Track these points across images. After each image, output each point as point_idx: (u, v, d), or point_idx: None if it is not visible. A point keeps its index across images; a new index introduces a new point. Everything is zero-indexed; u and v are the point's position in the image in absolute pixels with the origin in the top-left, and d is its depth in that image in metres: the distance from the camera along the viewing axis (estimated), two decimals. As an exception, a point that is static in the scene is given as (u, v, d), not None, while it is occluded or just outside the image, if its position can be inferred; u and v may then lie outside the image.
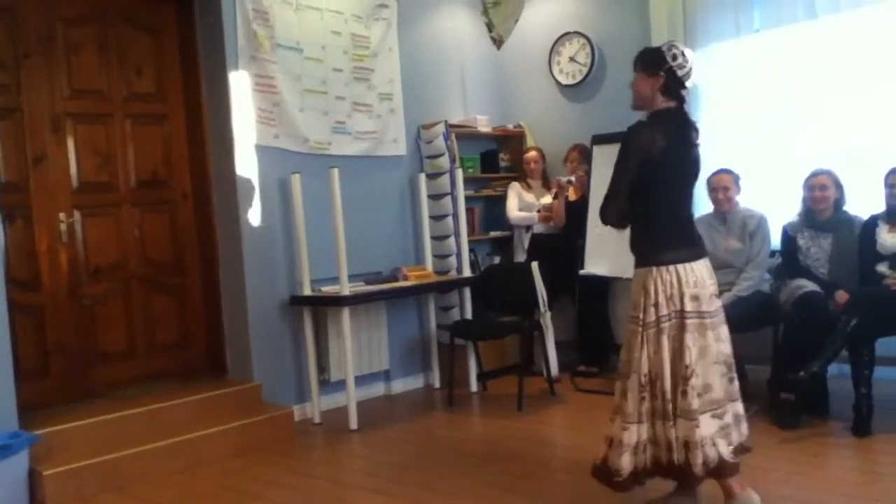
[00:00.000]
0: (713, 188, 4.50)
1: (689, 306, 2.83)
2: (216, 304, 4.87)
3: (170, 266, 4.86)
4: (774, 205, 4.62)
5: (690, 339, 2.81)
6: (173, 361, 4.85)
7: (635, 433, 2.85)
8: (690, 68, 2.88)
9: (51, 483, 3.57)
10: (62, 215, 4.42)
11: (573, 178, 5.40)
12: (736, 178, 4.49)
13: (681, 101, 2.96)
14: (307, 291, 4.72)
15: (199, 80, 4.81)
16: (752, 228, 4.41)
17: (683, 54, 2.89)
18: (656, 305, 2.84)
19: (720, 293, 4.35)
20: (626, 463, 2.84)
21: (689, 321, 2.83)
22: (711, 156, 4.96)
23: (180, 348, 4.90)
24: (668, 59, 2.88)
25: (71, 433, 3.90)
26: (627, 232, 3.61)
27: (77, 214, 4.50)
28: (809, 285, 4.12)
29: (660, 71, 2.89)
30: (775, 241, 4.48)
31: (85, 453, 3.77)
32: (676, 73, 2.88)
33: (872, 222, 4.12)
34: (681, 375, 2.80)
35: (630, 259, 3.01)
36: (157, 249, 4.82)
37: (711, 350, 2.85)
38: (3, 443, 3.52)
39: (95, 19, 4.59)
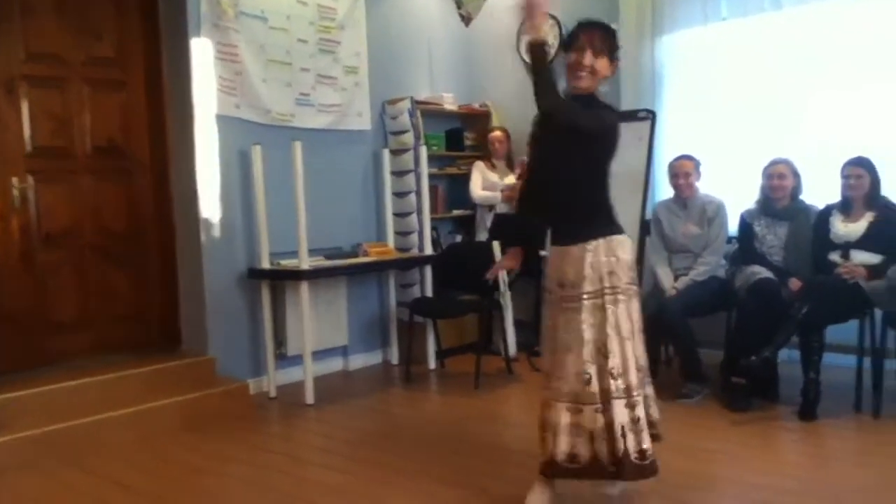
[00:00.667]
0: (674, 174, 4.54)
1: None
2: (172, 276, 4.80)
3: (125, 236, 4.77)
4: (734, 192, 4.68)
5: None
6: (127, 333, 4.78)
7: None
8: None
9: (0, 452, 3.51)
10: (15, 180, 4.31)
11: None
12: (697, 164, 4.53)
13: None
14: (266, 265, 4.68)
15: (160, 46, 4.70)
16: (711, 214, 4.46)
17: None
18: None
19: (676, 277, 4.46)
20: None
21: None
22: (674, 142, 5.03)
23: (134, 320, 4.82)
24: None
25: (21, 402, 3.84)
26: None
27: (30, 180, 4.39)
28: (764, 272, 4.19)
29: (617, 56, 2.74)
30: (733, 227, 4.53)
31: (36, 422, 3.71)
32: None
33: (827, 212, 4.19)
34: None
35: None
36: (113, 218, 4.72)
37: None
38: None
39: (53, -20, 4.46)
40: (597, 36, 2.65)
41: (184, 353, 4.68)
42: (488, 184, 5.66)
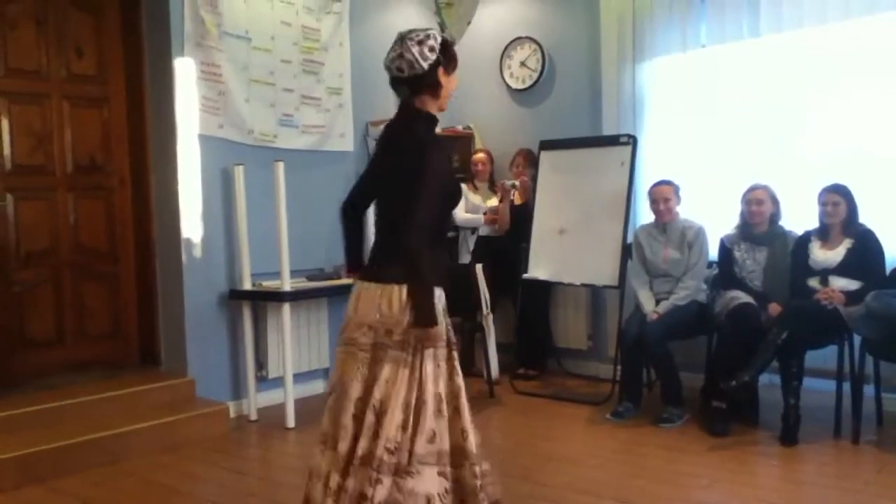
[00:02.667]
0: (654, 199, 4.58)
1: None
2: (151, 295, 4.75)
3: (104, 253, 4.74)
4: (714, 217, 4.72)
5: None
6: (104, 351, 4.73)
7: None
8: None
9: (-31, 474, 3.44)
10: (-7, 197, 4.27)
11: (517, 183, 5.42)
12: (676, 189, 4.57)
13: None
14: (247, 286, 4.64)
15: (143, 64, 4.68)
16: (691, 239, 4.50)
17: None
18: None
19: (658, 301, 4.48)
20: None
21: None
22: (654, 167, 5.07)
23: (111, 338, 4.77)
24: None
25: (-4, 423, 3.77)
26: (573, 237, 3.51)
27: (9, 198, 4.34)
28: (743, 297, 4.22)
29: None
30: (713, 252, 4.57)
31: (8, 445, 3.64)
32: None
33: (806, 238, 4.23)
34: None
35: (571, 265, 2.97)
36: (92, 236, 4.69)
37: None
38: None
39: (33, -6, 4.44)
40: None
41: (162, 374, 4.62)
42: (471, 206, 5.67)
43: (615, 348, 4.78)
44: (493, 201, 5.59)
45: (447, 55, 2.48)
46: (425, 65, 2.41)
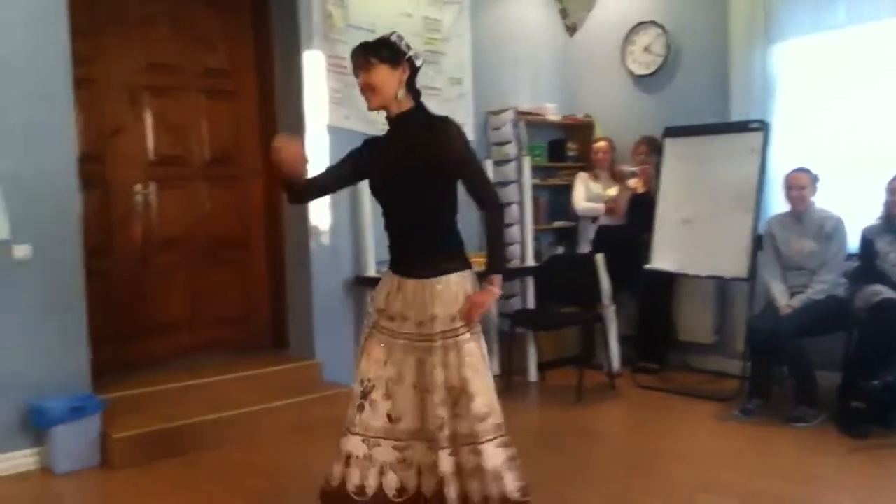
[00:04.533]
0: (789, 186, 4.38)
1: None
2: (280, 281, 4.94)
3: (237, 241, 4.94)
4: (854, 207, 4.47)
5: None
6: (235, 334, 4.94)
7: None
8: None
9: (120, 446, 3.69)
10: (138, 186, 4.53)
11: (637, 170, 5.31)
12: (813, 179, 4.35)
13: (418, 97, 2.62)
14: (371, 272, 4.75)
15: (272, 57, 4.85)
16: (829, 230, 4.28)
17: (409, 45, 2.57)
18: None
19: (792, 295, 4.29)
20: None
21: None
22: (787, 155, 4.85)
23: (243, 322, 4.98)
24: (403, 47, 2.53)
25: (139, 399, 4.03)
26: (700, 227, 3.33)
27: (152, 186, 4.60)
28: (887, 291, 4.00)
29: (403, 61, 2.52)
30: (853, 244, 4.33)
31: (152, 419, 3.88)
32: (415, 63, 2.56)
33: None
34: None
35: (697, 256, 2.86)
36: (225, 224, 4.90)
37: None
38: (77, 405, 3.65)
39: (167, -8, 4.65)
40: (360, 58, 2.54)
41: (291, 357, 4.81)
42: (591, 195, 5.59)
43: (744, 343, 4.61)
44: (614, 191, 5.50)
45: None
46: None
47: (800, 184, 4.34)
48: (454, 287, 2.51)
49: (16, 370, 3.65)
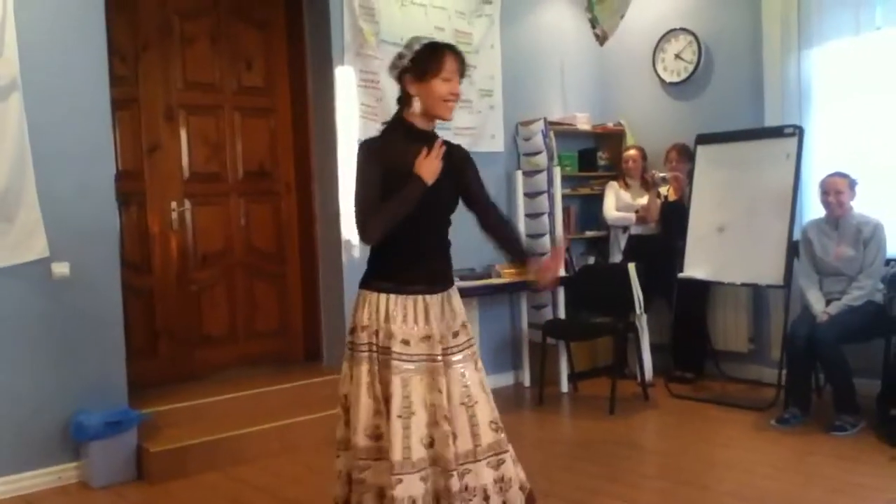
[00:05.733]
0: (825, 190, 4.32)
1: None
2: (314, 294, 4.99)
3: (272, 255, 5.01)
4: (891, 212, 4.39)
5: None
6: (272, 347, 5.00)
7: None
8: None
9: (156, 460, 3.74)
10: (174, 203, 4.62)
11: (667, 176, 5.27)
12: (851, 183, 4.28)
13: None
14: (402, 284, 4.77)
15: (306, 74, 4.92)
16: (867, 235, 4.21)
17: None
18: None
19: (828, 302, 4.22)
20: None
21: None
22: (823, 160, 4.78)
23: (279, 335, 5.04)
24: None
25: (175, 413, 4.08)
26: (734, 234, 3.23)
27: (187, 203, 4.69)
28: (927, 297, 3.91)
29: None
30: (891, 249, 4.26)
31: (188, 433, 3.94)
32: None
33: None
34: None
35: (732, 263, 2.85)
36: (261, 238, 4.97)
37: None
38: (115, 419, 3.72)
39: (209, 13, 4.76)
40: (460, 66, 2.41)
41: (325, 369, 4.85)
42: (622, 204, 5.57)
43: (780, 351, 4.55)
44: (644, 199, 5.46)
45: (417, 61, 2.38)
46: (393, 75, 2.47)
47: (837, 188, 4.28)
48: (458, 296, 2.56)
49: (55, 385, 3.74)
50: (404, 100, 2.46)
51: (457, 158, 2.56)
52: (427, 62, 2.37)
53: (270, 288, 4.99)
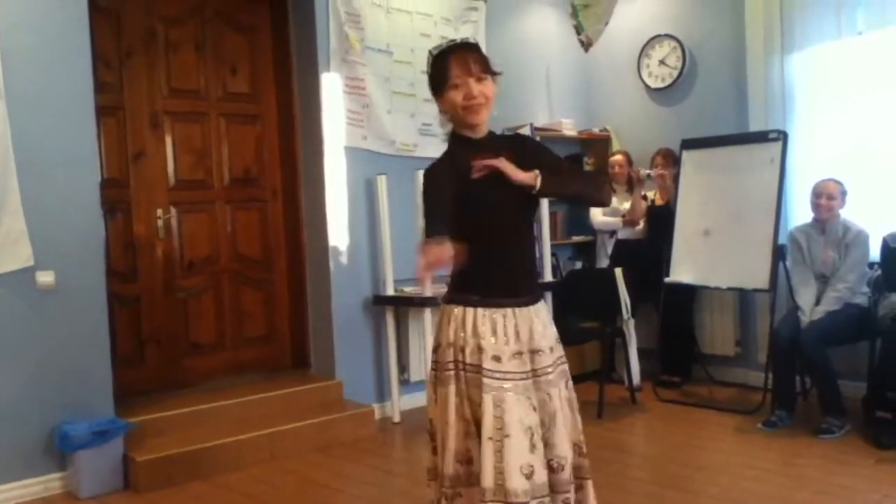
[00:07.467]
0: (818, 193, 4.34)
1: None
2: (302, 301, 4.97)
3: (259, 262, 4.99)
4: (874, 215, 4.43)
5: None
6: (260, 354, 4.98)
7: None
8: None
9: (143, 469, 3.71)
10: (159, 211, 4.59)
11: (652, 173, 5.27)
12: (843, 191, 4.32)
13: None
14: (390, 292, 4.78)
15: (292, 80, 4.92)
16: (849, 240, 4.26)
17: None
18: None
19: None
20: None
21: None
22: (807, 164, 4.82)
23: (267, 342, 5.02)
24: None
25: (162, 422, 4.05)
26: (719, 238, 3.27)
27: (173, 210, 4.67)
28: (911, 300, 3.95)
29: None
30: (874, 253, 4.29)
31: (175, 442, 3.91)
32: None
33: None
34: None
35: (718, 267, 2.87)
36: (247, 245, 4.94)
37: None
38: (101, 428, 3.69)
39: (193, 19, 4.73)
40: (476, 64, 2.21)
41: (312, 377, 4.83)
42: (609, 209, 5.58)
43: (767, 355, 4.58)
44: (629, 204, 5.47)
45: (430, 78, 2.28)
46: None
47: (830, 193, 4.30)
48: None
49: (40, 394, 3.70)
50: (440, 111, 2.32)
51: (528, 148, 2.36)
52: (435, 77, 2.26)
53: (258, 295, 4.97)
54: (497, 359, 2.18)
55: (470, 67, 2.19)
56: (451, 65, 2.21)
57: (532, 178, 2.19)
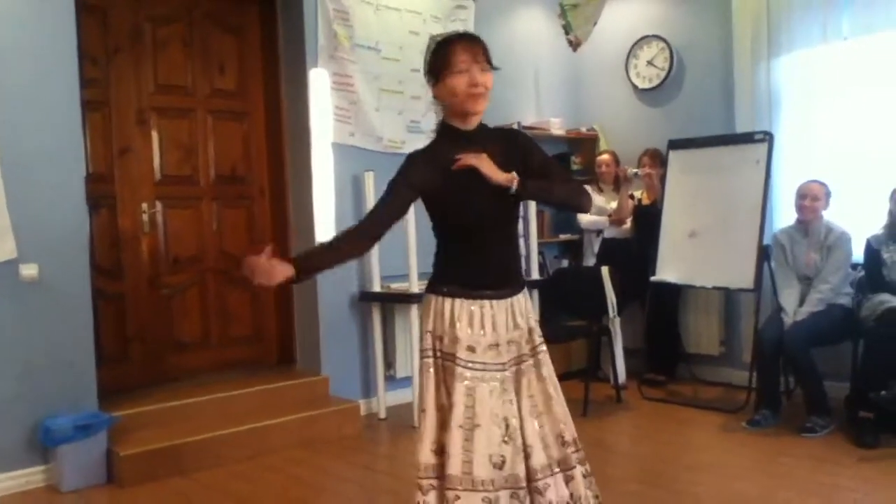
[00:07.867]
0: (802, 194, 4.38)
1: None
2: (288, 298, 4.96)
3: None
4: (859, 217, 4.47)
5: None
6: (246, 352, 4.97)
7: None
8: None
9: (126, 463, 3.70)
10: (145, 206, 4.56)
11: (639, 172, 5.29)
12: (827, 193, 4.35)
13: None
14: (377, 288, 4.77)
15: (280, 78, 4.91)
16: (831, 242, 4.29)
17: None
18: None
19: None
20: None
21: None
22: (792, 166, 4.86)
23: (252, 340, 5.01)
24: None
25: (146, 416, 4.04)
26: (705, 238, 3.31)
27: (159, 205, 4.64)
28: (893, 300, 3.98)
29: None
30: (858, 254, 4.33)
31: (158, 436, 3.89)
32: None
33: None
34: None
35: (703, 267, 2.87)
36: (234, 243, 4.92)
37: None
38: (84, 423, 3.67)
39: (182, 18, 4.72)
40: (480, 53, 2.20)
41: (298, 372, 4.82)
42: (596, 208, 5.58)
43: (751, 354, 4.61)
44: (615, 203, 5.49)
45: (430, 63, 2.24)
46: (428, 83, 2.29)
47: (814, 194, 4.34)
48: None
49: (24, 388, 3.68)
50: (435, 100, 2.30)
51: (519, 144, 2.36)
52: (437, 61, 2.21)
53: (243, 293, 4.95)
54: (471, 349, 2.20)
55: (477, 56, 2.19)
56: (458, 51, 2.18)
57: (509, 180, 2.18)
